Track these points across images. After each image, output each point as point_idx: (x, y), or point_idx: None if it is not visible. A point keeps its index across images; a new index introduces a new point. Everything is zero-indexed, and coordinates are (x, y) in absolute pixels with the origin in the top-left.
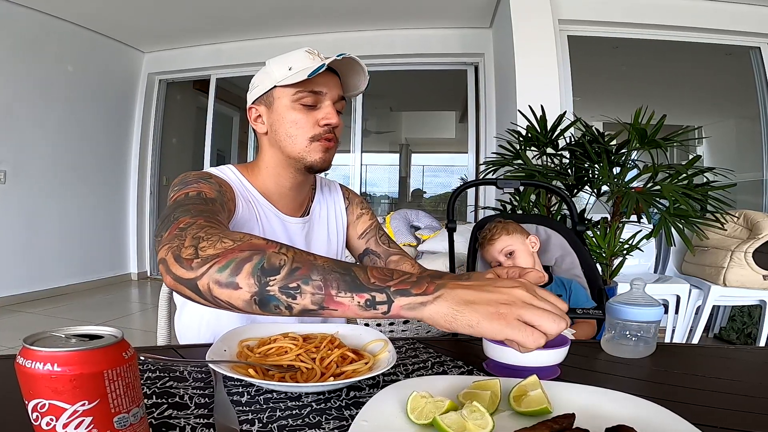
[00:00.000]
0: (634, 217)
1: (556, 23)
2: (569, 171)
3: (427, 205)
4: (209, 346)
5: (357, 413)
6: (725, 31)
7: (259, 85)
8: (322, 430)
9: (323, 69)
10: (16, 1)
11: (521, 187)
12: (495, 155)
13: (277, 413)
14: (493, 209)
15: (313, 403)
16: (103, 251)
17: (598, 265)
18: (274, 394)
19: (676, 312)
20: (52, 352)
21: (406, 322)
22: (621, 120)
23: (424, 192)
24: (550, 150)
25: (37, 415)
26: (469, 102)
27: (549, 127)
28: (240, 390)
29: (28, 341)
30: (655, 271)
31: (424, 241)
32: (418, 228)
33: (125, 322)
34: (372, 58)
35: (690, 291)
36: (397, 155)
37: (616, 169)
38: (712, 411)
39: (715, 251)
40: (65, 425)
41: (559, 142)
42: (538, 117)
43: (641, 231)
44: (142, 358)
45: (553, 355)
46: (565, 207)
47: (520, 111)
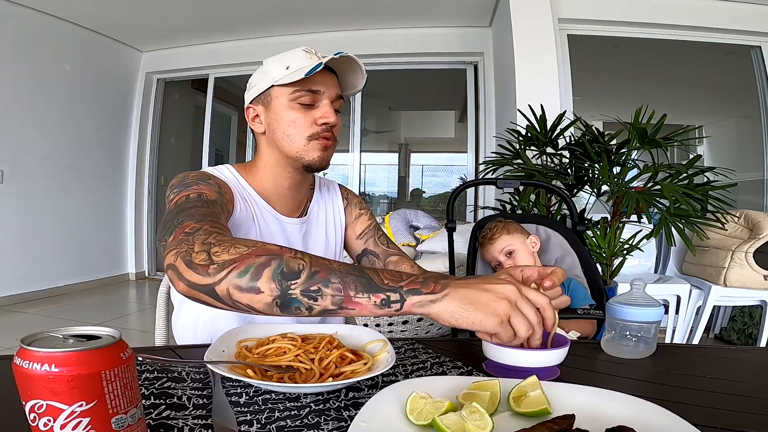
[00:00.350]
0: (634, 217)
1: (556, 22)
2: (569, 171)
3: (426, 204)
4: (207, 346)
5: (356, 414)
6: (726, 30)
7: (257, 85)
8: (320, 431)
9: (321, 68)
10: (14, 0)
11: (521, 187)
12: (494, 155)
13: (276, 414)
14: (493, 209)
15: (311, 404)
16: (100, 251)
17: (598, 265)
18: (273, 394)
19: (677, 312)
20: (50, 352)
21: (405, 322)
22: (621, 119)
23: (424, 192)
24: (549, 149)
25: (34, 416)
26: (469, 101)
27: (549, 127)
28: (238, 391)
29: (25, 342)
30: (655, 272)
31: (423, 241)
32: (417, 228)
33: (123, 323)
34: (371, 57)
35: (690, 291)
36: (396, 155)
37: (616, 169)
38: (713, 412)
39: (715, 251)
40: (63, 426)
41: (558, 141)
42: (538, 116)
43: (641, 231)
44: (140, 359)
45: (553, 356)
46: (565, 207)
47: (519, 110)
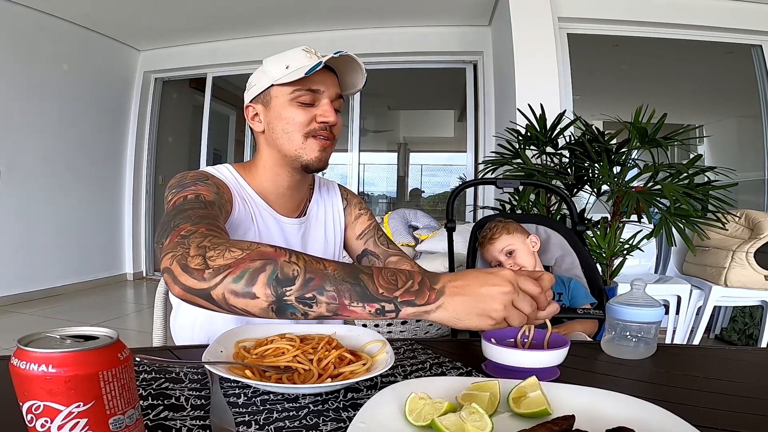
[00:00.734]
0: (634, 217)
1: (556, 21)
2: (569, 170)
3: (425, 204)
4: (206, 346)
5: (354, 415)
6: (726, 29)
7: (257, 84)
8: None
9: (320, 67)
10: None
11: (520, 187)
12: (494, 154)
13: (274, 415)
14: (493, 209)
15: (310, 405)
16: (98, 251)
17: (598, 265)
18: (271, 395)
19: (677, 313)
20: (47, 353)
21: (404, 323)
22: (621, 119)
23: (423, 191)
24: (549, 149)
25: (31, 417)
26: (468, 101)
27: (548, 126)
28: (237, 391)
29: (22, 342)
30: (655, 272)
31: (422, 241)
32: (416, 228)
33: (121, 323)
34: (370, 56)
35: (691, 291)
36: (395, 154)
37: (617, 169)
38: (713, 412)
39: (716, 251)
40: (60, 427)
41: (558, 141)
42: (538, 116)
43: (642, 231)
44: (138, 359)
45: (553, 357)
46: (564, 207)
47: (519, 110)
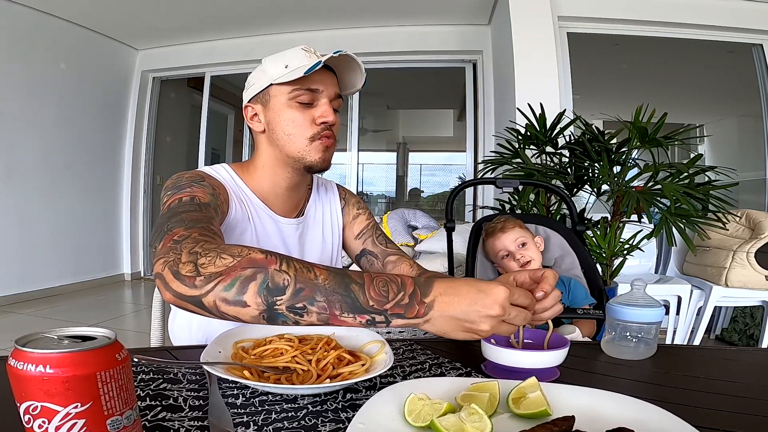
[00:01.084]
0: (634, 217)
1: (556, 20)
2: (569, 170)
3: (424, 204)
4: (204, 347)
5: (353, 416)
6: (727, 28)
7: (255, 84)
8: None
9: (319, 66)
10: None
11: (520, 187)
12: (493, 154)
13: (273, 415)
14: (492, 208)
15: (309, 406)
16: (96, 251)
17: (598, 265)
18: (270, 396)
19: (677, 313)
20: (45, 353)
21: None
22: (621, 118)
23: (422, 191)
24: (549, 149)
25: (29, 418)
26: (468, 100)
27: (548, 126)
28: (235, 392)
29: (19, 343)
30: (655, 272)
31: (421, 240)
32: (415, 228)
33: (118, 323)
34: (369, 55)
35: (691, 292)
36: (395, 154)
37: (617, 168)
38: (714, 413)
39: (716, 251)
40: (58, 428)
41: (558, 140)
42: (537, 115)
43: (642, 231)
44: (136, 360)
45: (553, 357)
46: (564, 206)
47: (518, 109)
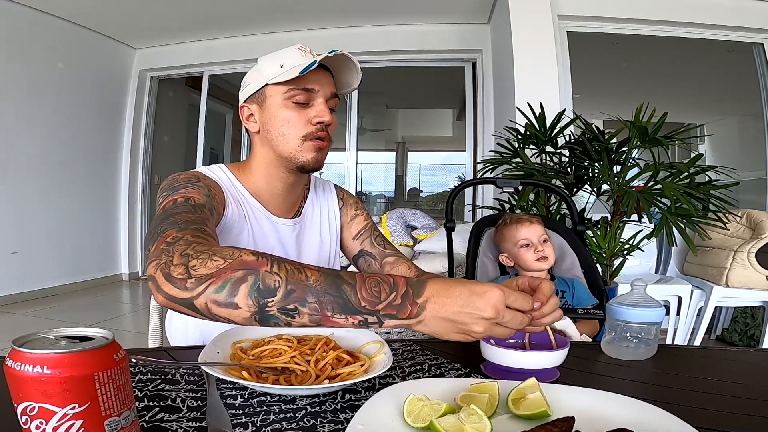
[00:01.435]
0: (634, 217)
1: (555, 19)
2: (569, 170)
3: (423, 204)
4: (202, 347)
5: (352, 416)
6: (727, 27)
7: (251, 83)
8: None
9: (315, 66)
10: None
11: (520, 186)
12: (493, 153)
13: (271, 416)
14: (492, 208)
15: (307, 406)
16: (93, 251)
17: (598, 265)
18: (268, 396)
19: (678, 313)
20: (42, 354)
21: None
22: (621, 117)
23: (421, 191)
24: (549, 148)
25: (26, 419)
26: (467, 99)
27: (548, 125)
28: (233, 393)
29: (17, 343)
30: (656, 272)
31: (420, 241)
32: (414, 228)
33: (116, 324)
34: (368, 54)
35: (692, 292)
36: (394, 153)
37: (617, 168)
38: (714, 414)
39: (717, 251)
40: (55, 429)
41: (558, 140)
42: (537, 114)
43: (642, 231)
44: (134, 360)
45: (553, 358)
46: (564, 206)
47: (518, 108)
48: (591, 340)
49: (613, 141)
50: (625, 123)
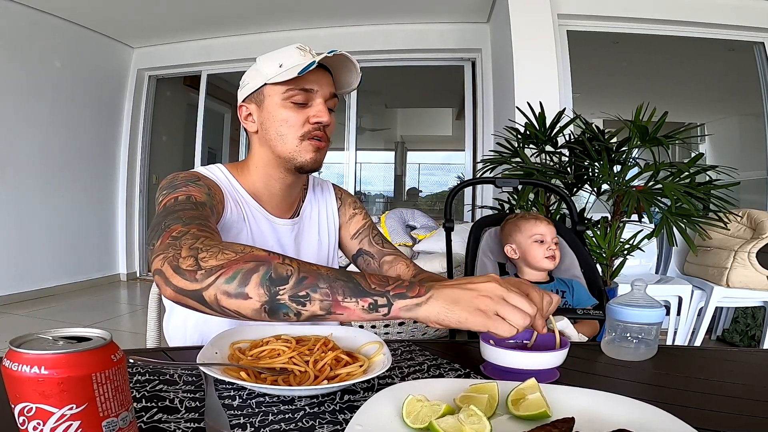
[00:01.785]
0: (635, 217)
1: (555, 18)
2: (568, 169)
3: (423, 204)
4: (200, 348)
5: (351, 417)
6: (728, 26)
7: (250, 83)
8: None
9: (314, 66)
10: None
11: (520, 186)
12: (492, 153)
13: (270, 417)
14: (491, 208)
15: (306, 407)
16: (91, 251)
17: (598, 265)
18: (267, 397)
19: (678, 314)
20: (39, 354)
21: (401, 324)
22: (621, 117)
23: (420, 191)
24: (549, 148)
25: (23, 419)
26: (466, 98)
27: (548, 125)
28: (231, 393)
29: (14, 343)
30: (656, 272)
31: (420, 240)
32: (413, 228)
33: (114, 324)
34: (367, 53)
35: (692, 292)
36: (393, 153)
37: (617, 168)
38: (715, 415)
39: (718, 251)
40: (53, 429)
41: (558, 139)
42: (537, 114)
43: (642, 231)
44: (132, 361)
45: (552, 358)
46: (564, 206)
47: (518, 108)
48: (588, 340)
49: (613, 140)
50: (625, 122)
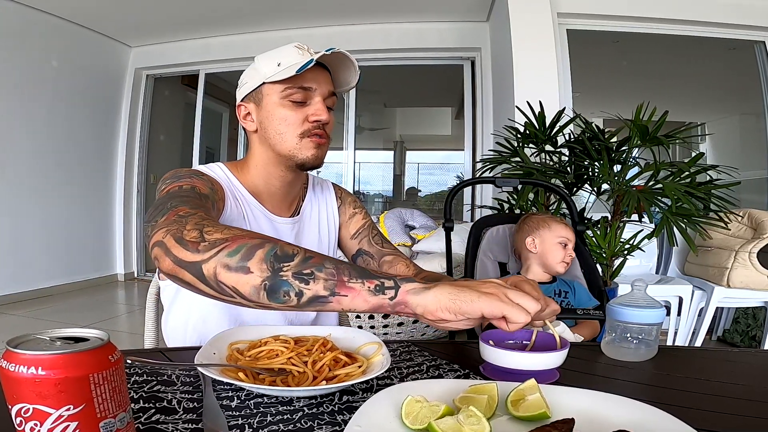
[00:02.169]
0: (635, 217)
1: (555, 16)
2: (568, 169)
3: (422, 203)
4: (198, 348)
5: (350, 418)
6: (729, 24)
7: (248, 82)
8: None
9: (312, 64)
10: None
11: (519, 186)
12: (492, 152)
13: (268, 418)
14: (491, 208)
15: (304, 408)
16: (88, 251)
17: (598, 265)
18: (265, 398)
19: (679, 314)
20: (37, 355)
21: (400, 324)
22: (622, 116)
23: (419, 190)
24: (548, 147)
25: (20, 420)
26: (466, 98)
27: (548, 124)
28: (230, 394)
29: (11, 344)
30: (656, 272)
31: (419, 240)
32: (412, 227)
33: (111, 324)
34: (366, 52)
35: (693, 292)
36: (392, 152)
37: (617, 167)
38: (715, 415)
39: (718, 251)
40: (50, 430)
41: (558, 139)
42: (537, 113)
43: (642, 230)
44: (129, 362)
45: (552, 359)
46: (564, 206)
47: (517, 107)
48: (586, 340)
49: (614, 140)
50: (625, 122)
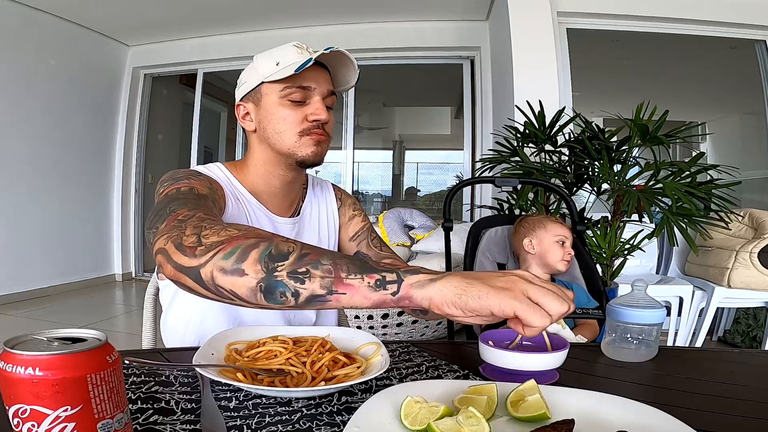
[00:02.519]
0: (635, 216)
1: (555, 16)
2: (568, 168)
3: (421, 203)
4: (196, 349)
5: (349, 419)
6: (730, 23)
7: (247, 82)
8: None
9: (311, 63)
10: None
11: (519, 186)
12: (491, 152)
13: (267, 419)
14: (490, 208)
15: (303, 409)
16: (86, 251)
17: (598, 265)
18: (263, 399)
19: (679, 314)
20: (34, 355)
21: (400, 324)
22: (622, 116)
23: (418, 190)
24: (548, 147)
25: (18, 421)
26: (465, 97)
27: (547, 123)
28: (228, 395)
29: (8, 345)
30: (657, 272)
31: (418, 240)
32: (411, 227)
33: (109, 325)
34: (365, 51)
35: (693, 292)
36: (391, 152)
37: (617, 167)
38: (716, 416)
39: (719, 251)
40: (47, 431)
41: (557, 138)
42: (536, 112)
43: (643, 230)
44: (127, 362)
45: (552, 359)
46: (564, 206)
47: (517, 106)
48: (591, 342)
49: (614, 139)
50: (625, 121)
